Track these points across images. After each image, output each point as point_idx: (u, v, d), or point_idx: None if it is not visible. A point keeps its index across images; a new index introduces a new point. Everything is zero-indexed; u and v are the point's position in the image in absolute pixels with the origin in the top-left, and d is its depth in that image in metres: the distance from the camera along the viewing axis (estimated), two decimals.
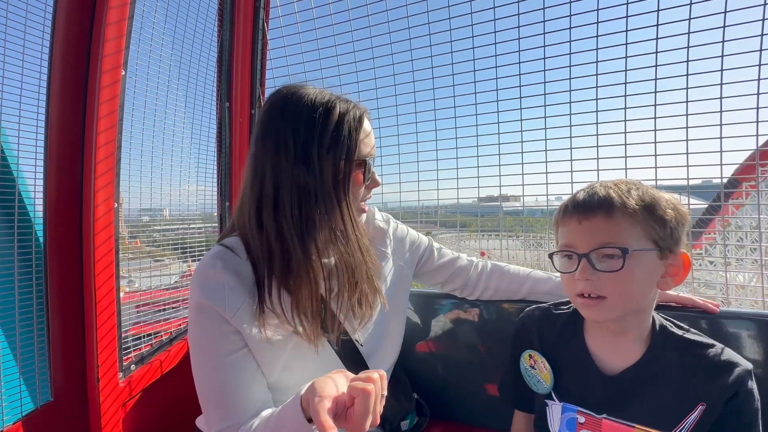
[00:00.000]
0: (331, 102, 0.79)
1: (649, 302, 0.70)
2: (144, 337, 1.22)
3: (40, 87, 0.95)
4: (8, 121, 0.92)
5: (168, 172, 1.34)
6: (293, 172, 0.76)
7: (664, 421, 0.66)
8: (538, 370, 0.79)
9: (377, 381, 0.60)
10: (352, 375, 0.65)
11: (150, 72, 1.21)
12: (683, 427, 0.65)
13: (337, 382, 0.64)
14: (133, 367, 1.12)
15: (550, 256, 0.75)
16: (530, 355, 0.80)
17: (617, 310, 0.67)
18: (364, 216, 0.89)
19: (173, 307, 1.38)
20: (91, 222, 0.99)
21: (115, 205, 1.04)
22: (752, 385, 0.65)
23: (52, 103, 0.97)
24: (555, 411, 0.76)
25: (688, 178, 1.12)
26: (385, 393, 0.63)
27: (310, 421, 0.62)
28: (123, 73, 1.02)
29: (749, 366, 0.65)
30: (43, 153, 0.97)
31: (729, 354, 0.67)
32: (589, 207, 0.67)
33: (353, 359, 0.88)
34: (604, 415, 0.70)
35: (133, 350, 1.16)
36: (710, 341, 0.68)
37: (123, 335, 1.10)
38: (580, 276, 0.67)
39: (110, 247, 1.03)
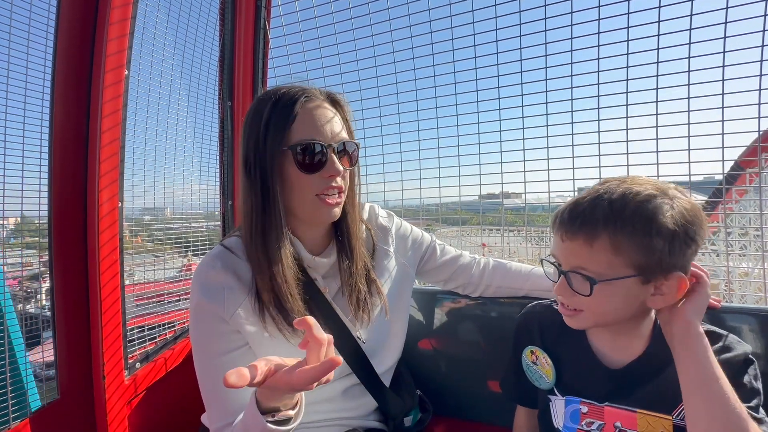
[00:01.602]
0: (269, 98, 0.78)
1: (638, 312, 0.69)
2: (146, 329, 1.22)
3: (44, 86, 0.96)
4: (13, 121, 0.93)
5: (171, 170, 1.35)
6: (243, 176, 0.80)
7: (665, 403, 0.67)
8: (540, 366, 0.79)
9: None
10: None
11: (152, 71, 1.22)
12: (682, 409, 0.65)
13: None
14: (138, 364, 1.13)
15: (541, 261, 0.75)
16: (532, 351, 0.81)
17: (592, 322, 0.69)
18: (329, 212, 0.81)
19: (170, 301, 1.39)
20: (95, 220, 1.00)
21: (119, 204, 1.05)
22: (750, 366, 0.66)
23: (57, 102, 0.97)
24: (558, 405, 0.77)
25: (690, 173, 1.12)
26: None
27: (263, 413, 0.63)
28: (126, 72, 1.02)
29: (747, 348, 0.67)
30: (48, 152, 0.98)
31: (727, 338, 0.68)
32: (571, 229, 0.64)
33: (356, 356, 0.89)
34: (606, 403, 0.71)
35: (138, 348, 1.17)
36: (710, 328, 0.69)
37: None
38: (556, 291, 0.70)
39: (114, 245, 1.04)
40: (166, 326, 1.31)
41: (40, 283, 1.24)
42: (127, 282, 1.14)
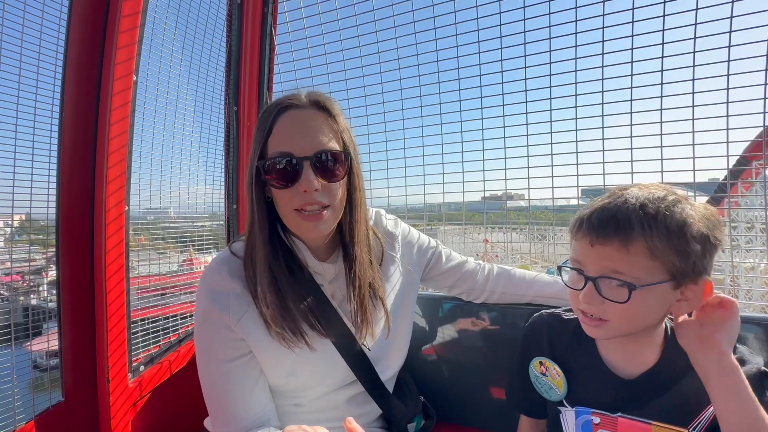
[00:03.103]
0: (267, 109, 0.79)
1: (659, 320, 0.68)
2: (150, 332, 1.22)
3: (54, 93, 0.97)
4: (24, 126, 0.94)
5: (177, 174, 1.36)
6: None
7: (681, 416, 0.66)
8: (550, 377, 0.77)
9: None
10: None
11: (160, 77, 1.24)
12: (699, 422, 0.64)
13: None
14: (142, 368, 1.14)
15: (559, 268, 0.72)
16: (541, 362, 0.79)
17: (617, 332, 0.66)
18: (311, 229, 0.78)
19: (173, 294, 1.40)
20: (102, 226, 1.01)
21: (126, 208, 1.06)
22: (766, 381, 0.64)
23: (66, 109, 0.99)
24: (569, 417, 0.75)
25: (694, 170, 1.12)
26: None
27: None
28: (135, 79, 1.04)
29: (760, 360, 0.65)
30: (57, 158, 0.99)
31: (742, 351, 0.66)
32: (604, 233, 0.61)
33: (360, 363, 0.88)
34: (619, 414, 0.70)
35: (143, 351, 1.17)
36: None
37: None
38: (584, 299, 0.65)
39: (121, 251, 1.05)
40: (169, 320, 1.30)
41: (43, 276, 1.26)
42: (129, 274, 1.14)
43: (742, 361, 0.65)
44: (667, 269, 0.60)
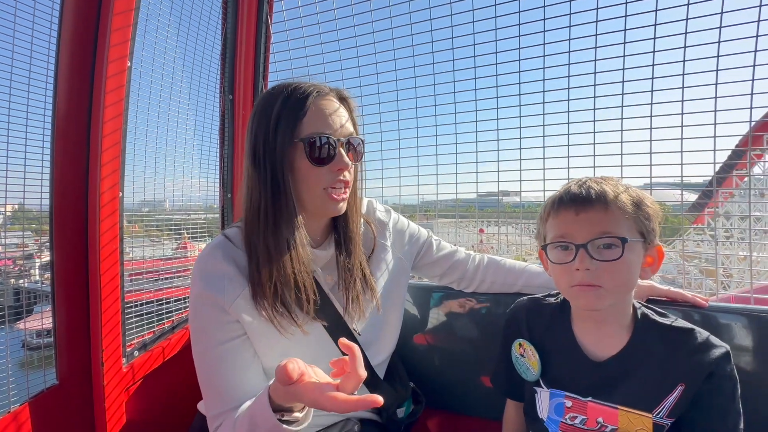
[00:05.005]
0: (280, 92, 0.80)
1: (634, 285, 0.73)
2: (145, 318, 1.23)
3: (48, 77, 0.97)
4: (17, 110, 0.94)
5: (171, 162, 1.36)
6: (248, 167, 0.81)
7: (646, 402, 0.69)
8: (527, 358, 0.81)
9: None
10: None
11: (155, 63, 1.23)
12: (663, 407, 0.68)
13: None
14: (136, 353, 1.15)
15: (544, 248, 0.75)
16: (520, 344, 0.83)
17: (611, 298, 0.69)
18: (336, 207, 0.82)
19: (166, 278, 1.41)
20: (96, 210, 1.01)
21: (120, 194, 1.06)
22: (729, 367, 0.68)
23: (60, 92, 0.98)
24: (543, 397, 0.79)
25: (681, 166, 1.14)
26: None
27: (275, 411, 0.64)
28: (129, 64, 1.03)
29: (726, 347, 0.69)
30: (50, 141, 0.99)
31: (707, 337, 0.70)
32: (587, 199, 0.69)
33: None
34: (590, 398, 0.74)
35: (137, 336, 1.18)
36: (690, 326, 0.72)
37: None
38: (580, 265, 0.68)
39: (114, 235, 1.05)
40: (163, 305, 1.31)
41: (35, 258, 1.26)
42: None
43: (709, 345, 0.69)
44: (638, 229, 0.70)
